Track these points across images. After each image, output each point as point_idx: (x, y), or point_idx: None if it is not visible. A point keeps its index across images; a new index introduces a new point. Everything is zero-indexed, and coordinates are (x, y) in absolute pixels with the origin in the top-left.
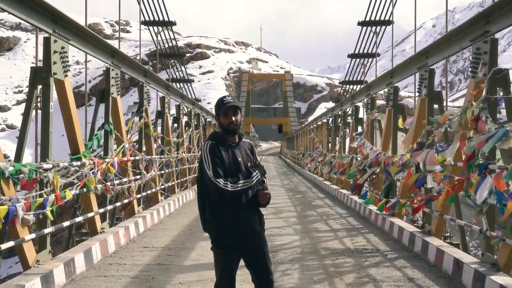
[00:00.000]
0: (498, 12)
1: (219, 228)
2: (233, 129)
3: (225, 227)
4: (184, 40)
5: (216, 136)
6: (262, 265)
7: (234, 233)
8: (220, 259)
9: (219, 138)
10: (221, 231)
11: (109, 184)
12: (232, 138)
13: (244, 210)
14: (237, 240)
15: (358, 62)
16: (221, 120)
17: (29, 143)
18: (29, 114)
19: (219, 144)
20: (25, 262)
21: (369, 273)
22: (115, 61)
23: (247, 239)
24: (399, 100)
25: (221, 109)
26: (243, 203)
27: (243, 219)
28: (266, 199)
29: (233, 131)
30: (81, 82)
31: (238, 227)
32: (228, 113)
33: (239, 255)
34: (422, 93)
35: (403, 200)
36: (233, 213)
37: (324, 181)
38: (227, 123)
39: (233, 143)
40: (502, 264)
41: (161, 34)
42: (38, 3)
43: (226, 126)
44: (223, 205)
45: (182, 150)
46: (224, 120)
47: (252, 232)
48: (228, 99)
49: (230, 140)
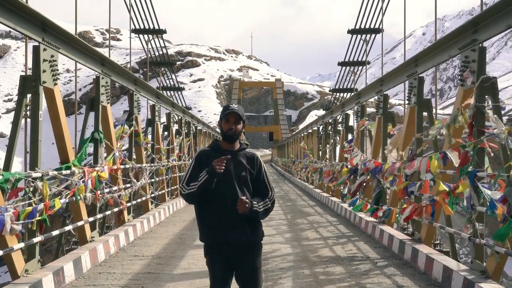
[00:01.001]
0: (486, 21)
1: (206, 226)
2: (230, 136)
3: (212, 226)
4: (174, 48)
5: (213, 145)
6: (251, 282)
7: (220, 233)
8: (210, 265)
9: (215, 146)
10: (208, 230)
11: (99, 192)
12: (230, 145)
13: (230, 212)
14: (223, 241)
15: (348, 70)
16: (222, 125)
17: (19, 151)
18: (19, 123)
19: (214, 151)
20: (13, 271)
21: (359, 281)
22: (105, 69)
23: (236, 244)
24: (389, 108)
25: (223, 114)
26: (228, 205)
27: (228, 221)
28: (242, 206)
29: (230, 138)
30: (71, 90)
31: (224, 228)
32: (229, 119)
33: (230, 263)
34: (411, 101)
35: (394, 208)
36: (218, 213)
37: (314, 189)
38: (226, 129)
39: (230, 151)
40: (491, 272)
41: (152, 42)
42: (27, 11)
43: (225, 132)
44: (208, 205)
45: (173, 158)
46: (225, 125)
47: (241, 238)
48: (233, 106)
49: (227, 148)
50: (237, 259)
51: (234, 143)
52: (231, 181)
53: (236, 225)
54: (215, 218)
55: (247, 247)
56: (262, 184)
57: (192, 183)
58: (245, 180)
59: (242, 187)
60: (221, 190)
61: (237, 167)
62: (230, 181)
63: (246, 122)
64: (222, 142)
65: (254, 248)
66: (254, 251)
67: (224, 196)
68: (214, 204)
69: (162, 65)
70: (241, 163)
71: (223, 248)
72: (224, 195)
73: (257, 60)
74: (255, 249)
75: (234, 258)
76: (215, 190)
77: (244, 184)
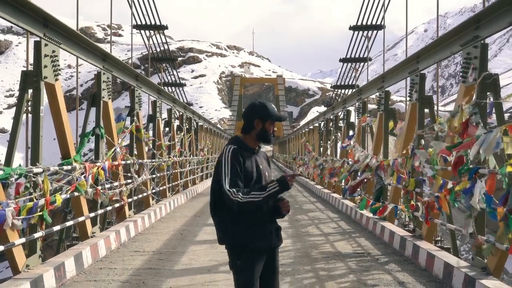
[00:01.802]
0: (488, 18)
1: (252, 232)
2: (271, 139)
3: (257, 231)
4: (176, 44)
5: (238, 141)
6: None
7: (265, 237)
8: (245, 270)
9: (241, 143)
10: (254, 235)
11: (100, 188)
12: (255, 144)
13: (267, 220)
14: (266, 247)
15: (350, 67)
16: (266, 126)
17: (20, 147)
18: (20, 118)
19: (242, 149)
20: (15, 266)
21: (360, 277)
22: (106, 65)
23: (270, 250)
24: (391, 104)
25: (272, 116)
26: (264, 212)
27: (267, 228)
28: (288, 207)
29: (270, 141)
30: (72, 86)
31: (265, 234)
32: (274, 122)
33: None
34: (413, 98)
35: (402, 206)
36: (258, 221)
37: (315, 185)
38: (271, 132)
39: (255, 149)
40: (492, 268)
41: (153, 38)
42: (29, 7)
43: (271, 133)
44: (246, 213)
45: (174, 154)
46: (269, 127)
47: (274, 244)
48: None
49: (253, 146)
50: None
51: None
52: (265, 182)
53: (272, 230)
54: (260, 220)
55: (276, 252)
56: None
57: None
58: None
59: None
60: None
61: (264, 166)
62: (264, 182)
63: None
64: (249, 140)
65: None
66: (277, 256)
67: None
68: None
69: (164, 61)
70: (265, 162)
71: (263, 251)
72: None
73: (258, 56)
74: (278, 255)
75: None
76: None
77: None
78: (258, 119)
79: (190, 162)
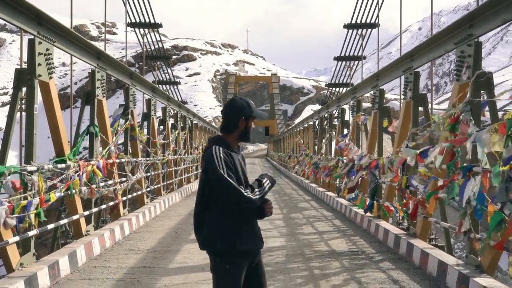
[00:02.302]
0: (482, 16)
1: (239, 234)
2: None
3: (245, 233)
4: (170, 42)
5: (223, 142)
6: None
7: (253, 239)
8: (232, 274)
9: (225, 144)
10: (243, 237)
11: (94, 186)
12: (236, 143)
13: (254, 221)
14: (253, 250)
15: (344, 65)
16: (249, 124)
17: (14, 145)
18: (14, 116)
19: (228, 150)
20: (8, 265)
21: (354, 276)
22: (100, 63)
23: (257, 253)
24: (385, 102)
25: (256, 114)
26: (251, 213)
27: (256, 229)
28: (271, 209)
29: (249, 138)
30: (67, 84)
31: (254, 236)
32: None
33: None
34: (407, 96)
35: (396, 204)
36: (247, 222)
37: (310, 183)
38: (252, 129)
39: (237, 150)
40: (486, 266)
41: (148, 36)
42: (22, 4)
43: (251, 131)
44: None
45: (168, 152)
46: (251, 124)
47: (261, 246)
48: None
49: (234, 146)
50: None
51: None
52: (249, 183)
53: (258, 231)
54: (249, 224)
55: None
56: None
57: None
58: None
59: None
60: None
61: (244, 167)
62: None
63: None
64: (231, 140)
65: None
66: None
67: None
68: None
69: (158, 59)
70: (243, 163)
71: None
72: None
73: (253, 54)
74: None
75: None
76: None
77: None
78: (243, 118)
79: (185, 161)
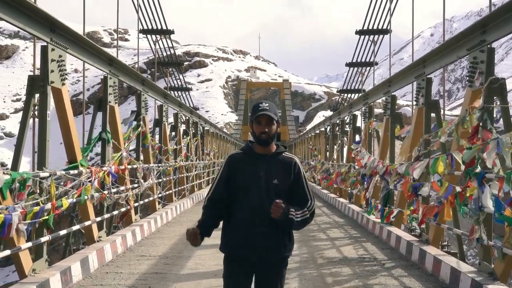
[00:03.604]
0: (494, 22)
1: (227, 238)
2: (264, 140)
3: (239, 238)
4: (182, 48)
5: (246, 147)
6: None
7: (242, 247)
8: (225, 275)
9: (248, 149)
10: (227, 242)
11: (106, 192)
12: (264, 149)
13: (260, 225)
14: (244, 255)
15: (356, 71)
16: (254, 127)
17: (27, 151)
18: (27, 123)
19: (246, 155)
20: (21, 270)
21: (366, 282)
22: (112, 69)
23: (260, 257)
24: (397, 108)
25: (253, 116)
26: (255, 216)
27: (257, 232)
28: (277, 210)
29: (265, 142)
30: (79, 90)
31: (250, 242)
32: (261, 121)
33: (249, 275)
34: (419, 102)
35: (406, 211)
36: (243, 224)
37: (322, 190)
38: (259, 133)
39: (264, 155)
40: (499, 273)
41: (159, 43)
42: (36, 12)
43: (258, 136)
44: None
45: (180, 159)
46: (256, 128)
47: (266, 251)
48: (264, 105)
49: (260, 152)
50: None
51: (268, 146)
52: (260, 190)
53: (265, 237)
54: (239, 229)
55: (272, 264)
56: (301, 192)
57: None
58: (278, 189)
59: (272, 197)
60: (249, 198)
61: (270, 173)
62: (259, 190)
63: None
64: (255, 145)
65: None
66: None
67: (252, 205)
68: (239, 213)
69: (170, 65)
70: (274, 169)
71: (243, 262)
72: (251, 204)
73: (264, 60)
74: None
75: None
76: (242, 198)
77: (276, 193)
78: (250, 122)
79: (197, 167)
